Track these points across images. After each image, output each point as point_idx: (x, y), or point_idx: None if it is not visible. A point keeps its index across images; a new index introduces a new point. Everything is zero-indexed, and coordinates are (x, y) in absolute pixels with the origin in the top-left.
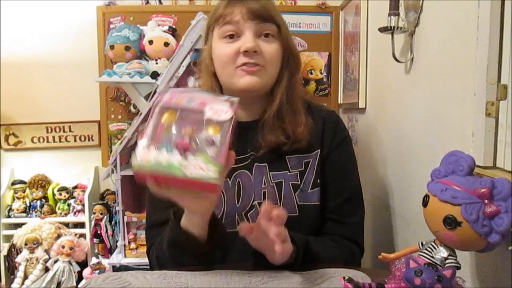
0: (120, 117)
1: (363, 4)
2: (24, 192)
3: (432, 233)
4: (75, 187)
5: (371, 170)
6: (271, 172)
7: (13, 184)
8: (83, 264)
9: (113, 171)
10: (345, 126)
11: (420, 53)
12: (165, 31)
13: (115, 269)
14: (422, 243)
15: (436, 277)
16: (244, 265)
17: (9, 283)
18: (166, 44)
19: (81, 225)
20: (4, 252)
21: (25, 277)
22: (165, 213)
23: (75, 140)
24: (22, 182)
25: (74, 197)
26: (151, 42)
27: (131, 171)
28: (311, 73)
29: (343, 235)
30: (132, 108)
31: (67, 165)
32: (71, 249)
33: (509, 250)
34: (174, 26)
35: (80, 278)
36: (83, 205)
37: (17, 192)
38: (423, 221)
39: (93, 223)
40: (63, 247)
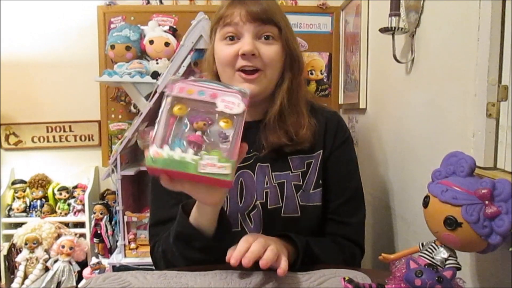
0: (120, 117)
1: (364, 5)
2: (24, 191)
3: (432, 234)
4: (75, 187)
5: (371, 170)
6: (273, 173)
7: (13, 183)
8: (83, 264)
9: (113, 171)
10: (347, 126)
11: (420, 54)
12: (165, 31)
13: (115, 269)
14: (422, 244)
15: (436, 278)
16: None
17: (9, 282)
18: (167, 44)
19: (81, 225)
20: (4, 251)
21: (25, 276)
22: (169, 211)
23: (76, 140)
24: (22, 181)
25: (74, 197)
26: (151, 42)
27: (131, 171)
28: (311, 74)
29: (343, 235)
30: (132, 108)
31: (67, 164)
32: (71, 249)
33: (509, 251)
34: (175, 26)
35: (80, 278)
36: (83, 205)
37: (17, 192)
38: (423, 222)
39: (93, 223)
40: (63, 246)
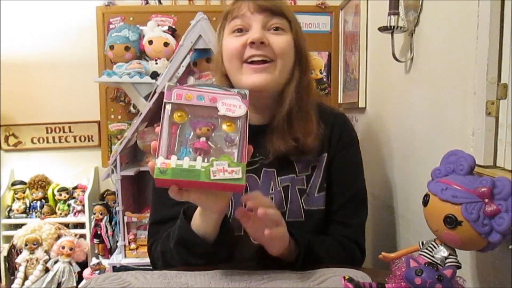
0: (120, 117)
1: (363, 4)
2: (24, 192)
3: (432, 233)
4: (75, 188)
5: (371, 169)
6: (279, 177)
7: (13, 184)
8: (83, 265)
9: (113, 172)
10: (353, 128)
11: (420, 53)
12: (164, 31)
13: (115, 269)
14: (422, 243)
15: (436, 277)
16: (246, 265)
17: (9, 283)
18: (166, 44)
19: (81, 225)
20: (4, 252)
21: (25, 277)
22: (170, 210)
23: (75, 141)
24: (22, 182)
25: (74, 198)
26: (150, 42)
27: (131, 171)
28: (311, 73)
29: (345, 236)
30: (132, 108)
31: (67, 165)
32: (71, 249)
33: (509, 249)
34: (174, 26)
35: (80, 278)
36: (83, 205)
37: (17, 193)
38: (423, 221)
39: (93, 223)
40: (63, 247)
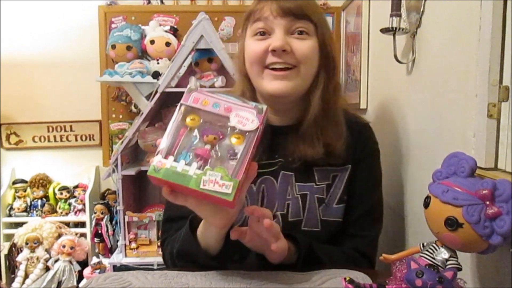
0: (121, 116)
1: (365, 5)
2: (25, 191)
3: (433, 235)
4: (76, 187)
5: None
6: (297, 183)
7: (14, 183)
8: (83, 264)
9: (114, 171)
10: (376, 139)
11: (421, 54)
12: (166, 31)
13: (116, 268)
14: (423, 244)
15: (437, 279)
16: (248, 265)
17: (9, 282)
18: (168, 44)
19: (81, 224)
20: (5, 251)
21: (26, 276)
22: (180, 209)
23: (76, 140)
24: (23, 181)
25: (75, 197)
26: (152, 42)
27: (132, 171)
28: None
29: (355, 248)
30: (133, 107)
31: (68, 164)
32: (71, 248)
33: (510, 251)
34: (176, 26)
35: (80, 277)
36: (84, 204)
37: (18, 191)
38: (424, 222)
39: (93, 222)
40: (63, 246)
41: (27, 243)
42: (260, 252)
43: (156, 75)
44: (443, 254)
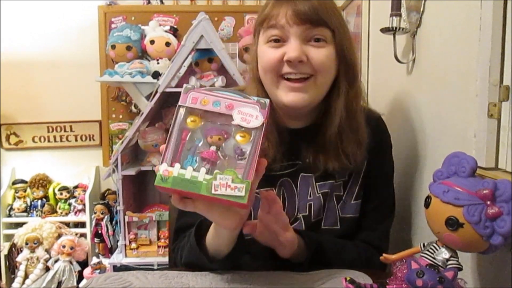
0: (121, 116)
1: (365, 5)
2: (25, 191)
3: (434, 235)
4: (76, 187)
5: None
6: (317, 183)
7: (14, 183)
8: (83, 264)
9: (114, 171)
10: (389, 133)
11: (422, 54)
12: (166, 31)
13: (116, 269)
14: (424, 244)
15: (437, 279)
16: (257, 265)
17: (9, 282)
18: (168, 44)
19: (81, 224)
20: (5, 251)
21: (26, 276)
22: (191, 216)
23: (76, 140)
24: (23, 181)
25: (75, 197)
26: (152, 42)
27: (132, 171)
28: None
29: (367, 241)
30: (133, 108)
31: (68, 164)
32: (71, 248)
33: (510, 251)
34: (176, 26)
35: (80, 277)
36: (83, 204)
37: (18, 192)
38: (424, 222)
39: (93, 222)
40: (63, 246)
41: (27, 243)
42: (270, 246)
43: (156, 75)
44: (444, 254)
